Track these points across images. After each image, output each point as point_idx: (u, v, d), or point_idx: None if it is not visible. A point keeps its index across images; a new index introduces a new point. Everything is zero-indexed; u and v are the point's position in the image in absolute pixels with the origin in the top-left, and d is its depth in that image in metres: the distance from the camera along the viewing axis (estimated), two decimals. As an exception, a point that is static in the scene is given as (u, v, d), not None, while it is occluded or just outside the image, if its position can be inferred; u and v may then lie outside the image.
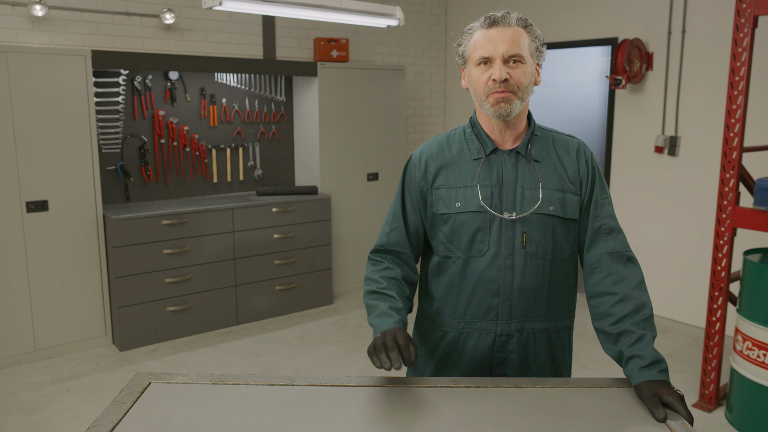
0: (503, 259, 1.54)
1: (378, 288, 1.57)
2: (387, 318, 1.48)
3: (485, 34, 1.50)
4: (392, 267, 1.62)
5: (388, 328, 1.44)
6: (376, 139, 5.21)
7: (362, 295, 1.64)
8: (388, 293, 1.56)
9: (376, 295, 1.56)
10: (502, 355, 1.60)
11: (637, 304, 1.50)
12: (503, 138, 1.58)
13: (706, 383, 3.34)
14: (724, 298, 3.23)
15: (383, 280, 1.59)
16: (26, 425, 3.13)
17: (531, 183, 1.55)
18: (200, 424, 1.31)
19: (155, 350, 4.06)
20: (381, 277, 1.60)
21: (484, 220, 1.55)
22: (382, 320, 1.48)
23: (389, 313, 1.50)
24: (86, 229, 3.93)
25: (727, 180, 3.13)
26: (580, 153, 1.60)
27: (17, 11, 3.87)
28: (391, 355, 1.34)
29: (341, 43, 5.06)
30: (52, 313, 3.87)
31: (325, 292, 4.91)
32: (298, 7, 3.45)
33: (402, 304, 1.55)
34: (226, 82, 4.74)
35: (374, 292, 1.57)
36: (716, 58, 4.21)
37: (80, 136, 3.85)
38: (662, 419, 1.32)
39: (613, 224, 1.59)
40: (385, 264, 1.63)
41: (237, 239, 4.39)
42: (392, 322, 1.46)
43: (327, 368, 3.84)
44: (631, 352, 1.45)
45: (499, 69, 1.47)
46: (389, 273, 1.61)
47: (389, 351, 1.35)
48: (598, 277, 1.56)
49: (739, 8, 3.01)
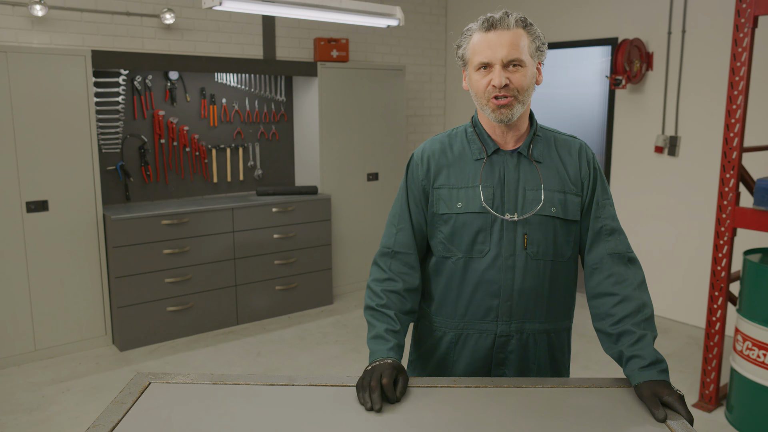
0: (504, 260, 1.54)
1: (377, 305, 1.56)
2: (382, 343, 1.50)
3: (484, 38, 1.48)
4: (395, 278, 1.60)
5: (380, 357, 1.47)
6: (376, 139, 5.21)
7: (363, 297, 1.64)
8: (386, 312, 1.55)
9: (374, 313, 1.56)
10: (501, 356, 1.60)
11: (638, 305, 1.50)
12: (505, 139, 1.57)
13: (706, 383, 3.34)
14: (724, 298, 3.23)
15: (383, 295, 1.57)
16: (26, 425, 3.13)
17: (533, 184, 1.54)
18: (200, 424, 1.31)
19: (155, 350, 4.06)
20: (382, 291, 1.58)
21: (485, 221, 1.54)
22: (377, 345, 1.50)
23: (384, 338, 1.51)
24: (86, 229, 3.93)
25: (727, 180, 3.13)
26: (582, 154, 1.60)
27: (17, 11, 3.87)
28: (373, 396, 1.37)
29: (341, 43, 5.06)
30: (52, 313, 3.87)
31: (325, 292, 4.91)
32: (298, 7, 3.45)
33: (399, 325, 1.54)
34: (226, 82, 4.74)
35: (372, 309, 1.57)
36: (716, 58, 4.21)
37: (80, 136, 3.84)
38: (662, 419, 1.32)
39: (614, 225, 1.58)
40: (388, 274, 1.60)
41: (237, 239, 4.39)
42: (386, 349, 1.48)
43: (327, 368, 3.84)
44: (632, 352, 1.45)
45: (498, 75, 1.46)
46: (391, 286, 1.59)
47: (372, 392, 1.38)
48: (598, 278, 1.56)
49: (739, 8, 3.01)
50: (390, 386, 1.39)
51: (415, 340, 1.74)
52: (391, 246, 1.63)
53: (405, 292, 1.59)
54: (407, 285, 1.60)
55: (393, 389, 1.39)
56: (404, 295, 1.59)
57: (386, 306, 1.56)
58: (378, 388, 1.38)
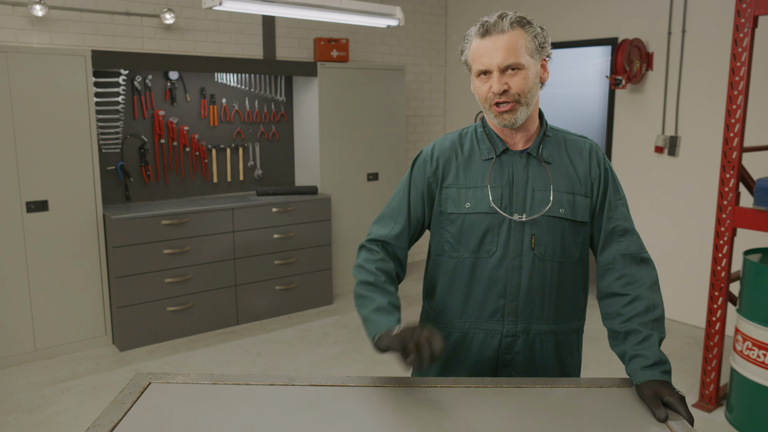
0: (511, 260, 1.53)
1: (375, 280, 1.51)
2: (387, 315, 1.44)
3: (480, 45, 1.47)
4: (387, 260, 1.57)
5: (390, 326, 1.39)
6: (376, 139, 5.21)
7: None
8: (386, 287, 1.51)
9: (371, 287, 1.50)
10: (507, 357, 1.59)
11: (648, 305, 1.49)
12: (514, 139, 1.56)
13: (706, 383, 3.34)
14: (724, 298, 3.23)
15: (380, 273, 1.53)
16: (26, 425, 3.13)
17: (542, 185, 1.54)
18: (200, 424, 1.31)
19: (155, 350, 4.06)
20: (377, 268, 1.54)
21: (493, 221, 1.53)
22: (382, 317, 1.43)
23: (389, 311, 1.45)
24: (86, 229, 3.93)
25: (727, 180, 3.13)
26: (592, 154, 1.58)
27: (17, 11, 3.87)
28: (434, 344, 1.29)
29: (341, 43, 5.06)
30: (52, 313, 3.87)
31: (325, 292, 4.91)
32: (298, 7, 3.45)
33: (399, 301, 1.51)
34: (226, 82, 4.74)
35: (369, 283, 1.51)
36: (716, 58, 4.21)
37: (80, 136, 3.84)
38: (663, 419, 1.32)
39: (626, 225, 1.57)
40: (381, 255, 1.57)
41: (237, 239, 4.39)
42: (394, 319, 1.43)
43: (327, 368, 3.84)
44: (635, 351, 1.44)
45: (496, 81, 1.45)
46: (385, 266, 1.55)
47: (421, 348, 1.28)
48: (610, 278, 1.55)
49: (739, 8, 3.01)
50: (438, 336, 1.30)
51: None
52: (384, 236, 1.60)
53: (395, 276, 1.58)
54: (397, 271, 1.59)
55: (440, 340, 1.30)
56: (394, 278, 1.57)
57: (386, 282, 1.52)
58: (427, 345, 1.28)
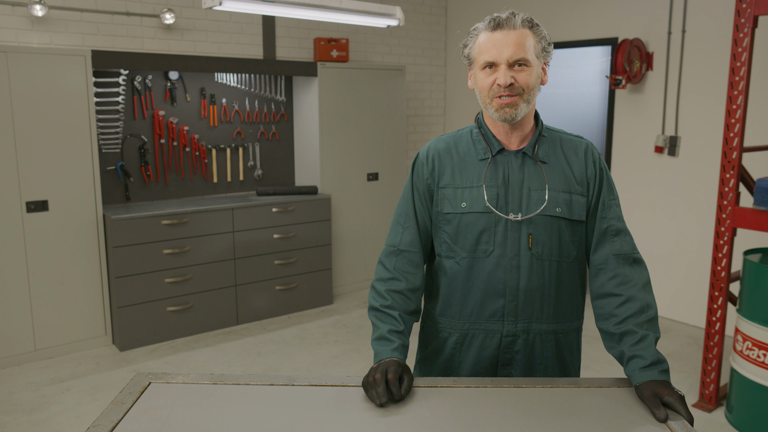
0: (509, 260, 1.54)
1: (381, 305, 1.57)
2: (386, 344, 1.50)
3: (490, 38, 1.48)
4: (398, 278, 1.59)
5: (384, 357, 1.47)
6: (376, 139, 5.21)
7: (366, 296, 1.64)
8: (389, 312, 1.55)
9: (378, 314, 1.57)
10: (508, 356, 1.60)
11: (642, 306, 1.50)
12: (510, 139, 1.57)
13: (706, 383, 3.34)
14: (724, 298, 3.23)
15: (387, 295, 1.57)
16: (26, 425, 3.13)
17: (537, 184, 1.54)
18: (200, 424, 1.31)
19: (155, 350, 4.06)
20: (386, 291, 1.58)
21: (489, 220, 1.54)
22: (381, 346, 1.51)
23: (388, 338, 1.51)
24: (86, 229, 3.93)
25: (727, 180, 3.13)
26: (588, 154, 1.59)
27: (17, 11, 3.87)
28: (378, 390, 1.39)
29: (341, 43, 5.06)
30: (52, 313, 3.87)
31: (325, 292, 4.91)
32: (298, 7, 3.45)
33: (403, 326, 1.54)
34: (226, 82, 4.74)
35: (377, 309, 1.57)
36: (716, 58, 4.21)
37: (80, 136, 3.84)
38: (663, 419, 1.32)
39: (619, 226, 1.58)
40: (392, 273, 1.60)
41: (237, 239, 4.39)
42: (390, 349, 1.49)
43: (327, 368, 3.84)
44: (633, 352, 1.45)
45: (503, 74, 1.46)
46: (394, 286, 1.59)
47: (376, 386, 1.39)
48: (603, 278, 1.56)
49: (739, 8, 3.01)
50: (395, 382, 1.40)
51: (421, 340, 1.73)
52: (397, 244, 1.63)
53: (409, 291, 1.59)
54: (411, 285, 1.60)
55: (398, 385, 1.40)
56: (408, 295, 1.59)
57: (390, 306, 1.56)
58: (383, 382, 1.39)
